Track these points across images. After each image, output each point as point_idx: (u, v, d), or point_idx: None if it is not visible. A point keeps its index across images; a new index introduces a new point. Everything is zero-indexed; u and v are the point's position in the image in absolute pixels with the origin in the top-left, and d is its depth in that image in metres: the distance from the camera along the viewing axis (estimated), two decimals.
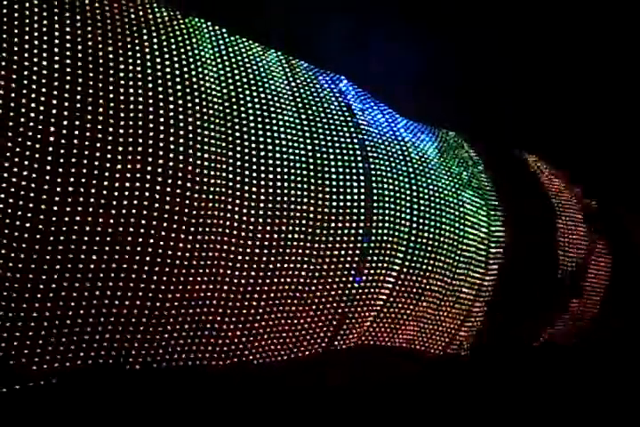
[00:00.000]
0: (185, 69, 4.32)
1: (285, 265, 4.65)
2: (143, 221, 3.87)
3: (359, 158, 5.15)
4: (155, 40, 4.25)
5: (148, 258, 3.94)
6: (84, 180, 3.62)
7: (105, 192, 3.70)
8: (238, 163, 4.40)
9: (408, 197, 5.50)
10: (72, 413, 3.89)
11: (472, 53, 7.56)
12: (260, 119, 4.65)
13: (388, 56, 6.63)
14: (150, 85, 4.05)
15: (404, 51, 6.71)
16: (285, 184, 4.61)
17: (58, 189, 3.54)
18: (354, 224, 4.98)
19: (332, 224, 4.87)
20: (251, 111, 4.64)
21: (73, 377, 3.90)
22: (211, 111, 4.34)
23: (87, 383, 3.99)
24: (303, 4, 5.89)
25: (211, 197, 4.18)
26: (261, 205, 4.45)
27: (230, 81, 4.66)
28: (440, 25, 7.18)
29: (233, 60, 4.81)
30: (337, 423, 4.72)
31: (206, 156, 4.18)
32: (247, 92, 4.71)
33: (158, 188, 3.91)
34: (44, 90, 3.55)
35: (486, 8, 7.57)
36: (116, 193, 3.74)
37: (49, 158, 3.50)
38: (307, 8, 5.91)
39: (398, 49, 6.70)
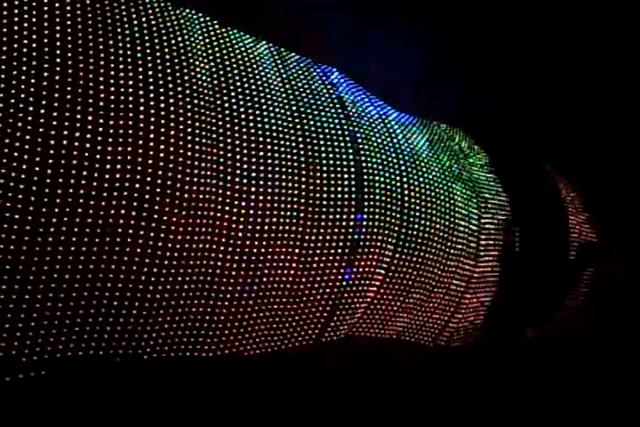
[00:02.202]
0: (175, 61, 4.31)
1: (276, 257, 4.65)
2: (133, 213, 3.87)
3: (350, 151, 5.16)
4: (145, 31, 4.24)
5: (138, 249, 3.94)
6: (73, 171, 3.61)
7: (95, 183, 3.69)
8: (229, 154, 4.39)
9: (399, 189, 5.51)
10: (62, 405, 3.89)
11: (472, 53, 7.56)
12: (250, 111, 4.64)
13: (388, 55, 6.62)
14: (140, 77, 4.04)
15: (404, 50, 6.71)
16: (276, 176, 4.62)
17: (48, 181, 3.53)
18: (344, 216, 4.99)
19: (323, 216, 4.88)
20: (241, 103, 4.63)
21: (63, 369, 3.90)
22: (201, 102, 4.33)
23: (77, 375, 3.99)
24: (303, 2, 5.87)
25: (201, 188, 4.18)
26: (252, 196, 4.46)
27: (221, 72, 4.65)
28: (440, 24, 7.17)
29: (224, 51, 4.80)
30: (333, 411, 4.74)
31: (197, 147, 4.18)
32: (238, 83, 4.70)
33: (149, 179, 3.91)
34: (33, 80, 3.54)
35: (486, 8, 7.57)
36: (106, 184, 3.74)
37: (38, 149, 3.49)
38: (306, 7, 5.89)
39: (398, 48, 6.70)
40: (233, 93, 4.62)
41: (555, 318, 7.88)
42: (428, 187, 5.85)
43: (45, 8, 3.75)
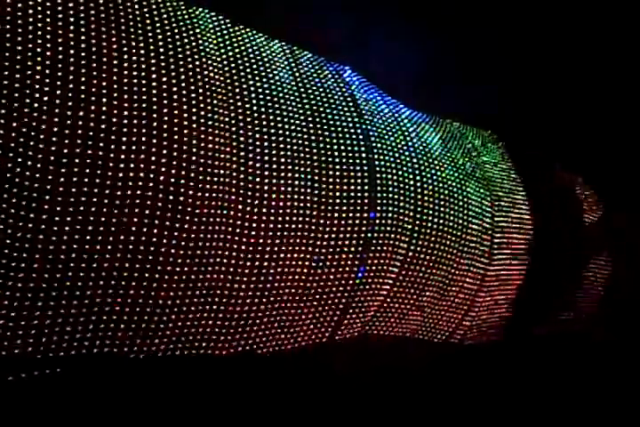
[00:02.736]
0: (189, 60, 4.33)
1: (289, 255, 4.66)
2: (147, 211, 3.89)
3: (363, 149, 5.16)
4: (158, 31, 4.25)
5: (152, 248, 3.96)
6: (87, 170, 3.64)
7: (109, 182, 3.71)
8: (242, 153, 4.41)
9: (412, 188, 5.50)
10: (76, 402, 3.92)
11: (472, 53, 7.54)
12: (263, 109, 4.65)
13: (388, 55, 6.60)
14: (154, 76, 4.05)
15: (404, 50, 6.69)
16: (289, 174, 4.62)
17: (61, 180, 3.55)
18: (357, 214, 4.99)
19: (336, 214, 4.88)
20: (255, 101, 4.64)
21: (77, 366, 3.92)
22: (214, 101, 4.34)
23: (91, 373, 4.02)
24: (303, 3, 5.87)
25: (214, 186, 4.20)
26: (265, 195, 4.47)
27: (234, 71, 4.66)
28: (440, 24, 7.15)
29: (237, 50, 4.81)
30: (343, 410, 4.74)
31: (210, 145, 4.19)
32: (251, 82, 4.71)
33: (162, 178, 3.93)
34: (47, 80, 3.56)
35: (486, 8, 7.54)
36: (119, 183, 3.76)
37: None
38: (306, 7, 5.88)
39: (398, 48, 6.68)
40: (246, 92, 4.63)
41: (564, 317, 7.86)
42: (441, 185, 5.84)
43: (59, 8, 3.77)
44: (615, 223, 8.59)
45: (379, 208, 5.13)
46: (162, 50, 4.18)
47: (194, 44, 4.42)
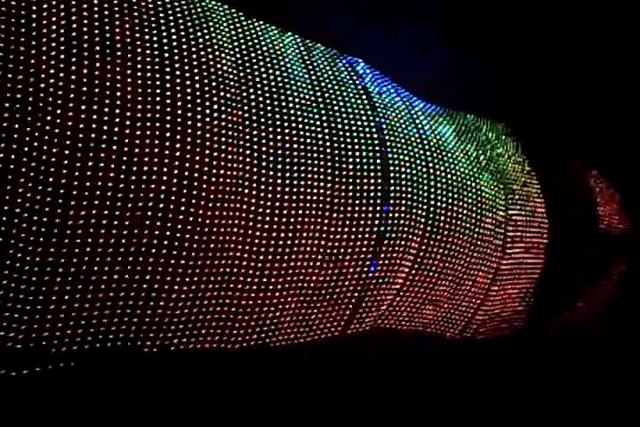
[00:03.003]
0: (202, 53, 4.31)
1: (302, 249, 4.66)
2: (161, 205, 3.89)
3: (376, 142, 5.13)
4: (171, 24, 4.23)
5: (166, 242, 3.96)
6: (102, 164, 3.64)
7: (123, 176, 3.72)
8: (255, 146, 4.39)
9: (425, 181, 5.48)
10: (88, 396, 3.94)
11: (472, 53, 7.47)
12: (276, 102, 4.63)
13: (388, 55, 6.54)
14: (168, 69, 4.04)
15: (403, 50, 6.63)
16: (302, 168, 4.60)
17: (76, 174, 3.56)
18: (370, 208, 4.97)
19: (349, 208, 4.87)
20: (267, 94, 4.62)
21: (91, 360, 3.94)
22: (227, 95, 4.33)
23: (105, 367, 4.04)
24: (303, 2, 5.81)
25: (228, 180, 4.19)
26: (278, 188, 4.46)
27: (247, 64, 4.64)
28: (440, 24, 7.08)
29: (249, 43, 4.79)
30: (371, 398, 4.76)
31: (223, 139, 4.18)
32: (264, 75, 4.69)
33: (176, 171, 3.92)
34: (62, 74, 3.56)
35: (487, 7, 7.46)
36: (133, 177, 3.75)
37: (67, 143, 3.53)
38: (306, 7, 5.83)
39: (398, 48, 6.62)
40: (259, 85, 4.61)
41: (575, 312, 7.83)
42: (454, 178, 5.80)
43: (73, 2, 3.76)
44: (627, 219, 8.54)
45: (392, 202, 5.11)
46: (175, 43, 4.16)
47: (207, 37, 4.40)
